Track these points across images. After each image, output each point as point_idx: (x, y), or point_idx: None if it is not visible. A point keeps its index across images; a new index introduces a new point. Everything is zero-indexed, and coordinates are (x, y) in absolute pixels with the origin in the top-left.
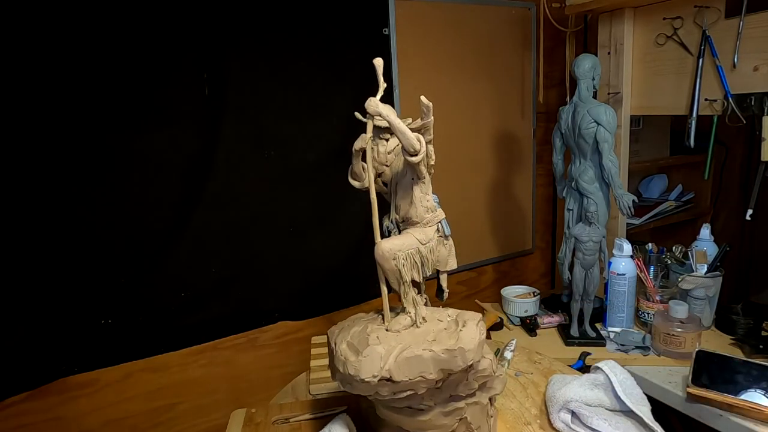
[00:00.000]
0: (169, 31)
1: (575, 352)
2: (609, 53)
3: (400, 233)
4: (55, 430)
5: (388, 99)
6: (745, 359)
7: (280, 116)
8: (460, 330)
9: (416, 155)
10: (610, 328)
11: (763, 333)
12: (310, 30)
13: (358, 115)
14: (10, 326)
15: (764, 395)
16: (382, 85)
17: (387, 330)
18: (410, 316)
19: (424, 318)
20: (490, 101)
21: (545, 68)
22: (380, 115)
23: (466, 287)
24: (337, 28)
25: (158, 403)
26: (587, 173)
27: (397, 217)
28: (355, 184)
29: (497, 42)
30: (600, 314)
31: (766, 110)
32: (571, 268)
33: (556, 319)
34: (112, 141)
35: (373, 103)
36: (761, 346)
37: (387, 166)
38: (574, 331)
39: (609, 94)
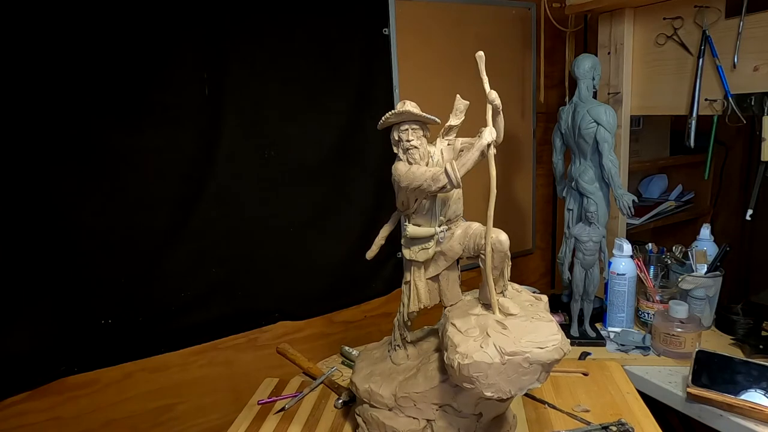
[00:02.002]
0: (169, 31)
1: (575, 352)
2: (609, 53)
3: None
4: (55, 430)
5: (388, 98)
6: (745, 359)
7: (280, 116)
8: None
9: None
10: (610, 328)
11: (763, 333)
12: (310, 30)
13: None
14: (10, 326)
15: (764, 395)
16: (486, 78)
17: (506, 315)
18: (513, 301)
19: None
20: None
21: (545, 68)
22: (500, 109)
23: (466, 287)
24: (337, 28)
25: (158, 403)
26: (587, 173)
27: (443, 218)
28: (457, 184)
29: (497, 42)
30: (600, 314)
31: (766, 110)
32: (571, 268)
33: (556, 319)
34: (112, 141)
35: (498, 97)
36: (761, 346)
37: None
38: (574, 331)
39: (609, 94)
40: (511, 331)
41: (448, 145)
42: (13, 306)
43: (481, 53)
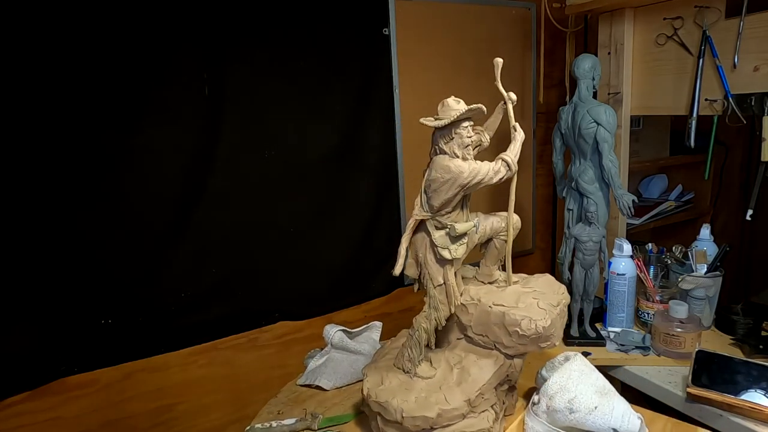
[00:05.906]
0: (170, 32)
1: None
2: (609, 53)
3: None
4: (55, 430)
5: (388, 98)
6: (745, 359)
7: (280, 116)
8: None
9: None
10: (610, 328)
11: (763, 333)
12: (310, 30)
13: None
14: (10, 326)
15: (764, 395)
16: (500, 82)
17: (515, 283)
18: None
19: None
20: (490, 101)
21: (545, 68)
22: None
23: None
24: (337, 28)
25: (158, 403)
26: (587, 173)
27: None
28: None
29: (497, 42)
30: (600, 314)
31: (766, 110)
32: (571, 268)
33: None
34: (112, 141)
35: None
36: (761, 346)
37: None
38: (574, 331)
39: (609, 94)
40: (540, 291)
41: None
42: (13, 306)
43: (499, 60)
